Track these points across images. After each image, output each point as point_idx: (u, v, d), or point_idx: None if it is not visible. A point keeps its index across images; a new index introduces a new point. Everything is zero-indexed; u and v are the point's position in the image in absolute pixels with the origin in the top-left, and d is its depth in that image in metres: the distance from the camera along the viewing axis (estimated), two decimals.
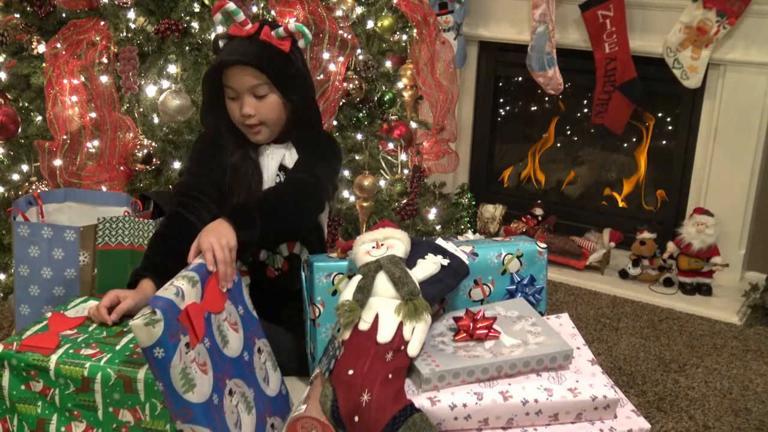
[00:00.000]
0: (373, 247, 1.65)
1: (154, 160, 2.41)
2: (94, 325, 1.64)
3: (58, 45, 2.35)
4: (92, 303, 1.75)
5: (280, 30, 1.83)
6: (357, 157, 2.88)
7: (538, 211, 3.76)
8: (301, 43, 1.89)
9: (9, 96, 2.54)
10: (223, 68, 1.84)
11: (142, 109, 2.46)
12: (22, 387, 1.53)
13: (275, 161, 1.95)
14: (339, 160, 2.04)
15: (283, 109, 1.89)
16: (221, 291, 1.56)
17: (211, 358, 1.46)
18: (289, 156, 1.96)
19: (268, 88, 1.84)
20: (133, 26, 2.45)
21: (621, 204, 3.86)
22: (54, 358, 1.51)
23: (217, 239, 1.56)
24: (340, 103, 2.73)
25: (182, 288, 1.43)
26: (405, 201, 2.98)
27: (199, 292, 1.48)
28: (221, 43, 1.89)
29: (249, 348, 1.61)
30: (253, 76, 1.82)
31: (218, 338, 1.52)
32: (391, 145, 2.93)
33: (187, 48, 2.45)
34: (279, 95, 1.86)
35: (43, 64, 2.42)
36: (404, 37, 3.01)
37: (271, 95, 1.86)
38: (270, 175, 1.94)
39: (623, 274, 3.46)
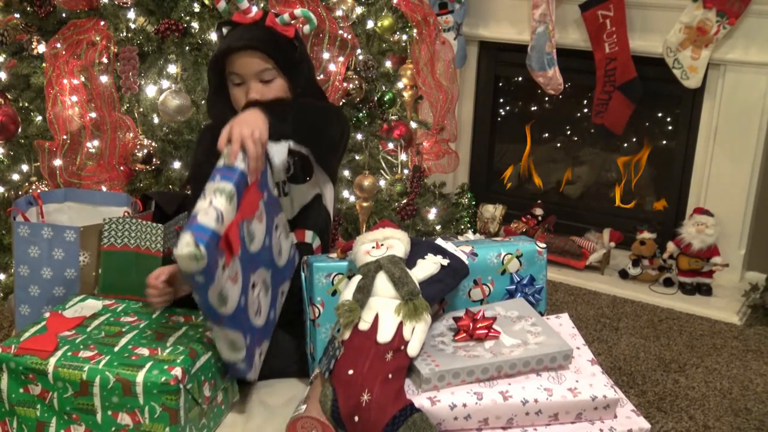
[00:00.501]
0: (373, 247, 1.65)
1: (154, 160, 2.41)
2: (93, 326, 1.64)
3: (58, 45, 2.35)
4: (91, 302, 1.75)
5: (285, 16, 1.83)
6: (357, 157, 2.88)
7: (538, 211, 3.76)
8: (306, 29, 1.90)
9: (9, 96, 2.54)
10: (229, 54, 1.83)
11: (142, 109, 2.45)
12: (21, 390, 1.53)
13: (283, 146, 1.92)
14: (344, 123, 2.01)
15: (288, 93, 1.88)
16: (254, 193, 1.54)
17: (241, 266, 1.51)
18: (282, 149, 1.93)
19: (274, 73, 1.83)
20: (133, 26, 2.45)
21: (621, 204, 3.87)
22: (52, 361, 1.51)
23: (250, 130, 1.53)
24: (340, 103, 2.73)
25: (221, 211, 1.42)
26: (405, 201, 2.98)
27: (236, 204, 1.47)
28: (225, 31, 1.89)
29: (270, 232, 1.63)
30: (260, 61, 1.81)
31: (247, 240, 1.53)
32: (391, 145, 2.93)
33: (187, 48, 2.45)
34: (284, 80, 1.86)
35: (43, 64, 2.42)
36: (404, 37, 3.01)
37: (277, 80, 1.84)
38: (281, 160, 1.92)
39: (623, 274, 3.46)
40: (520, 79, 3.98)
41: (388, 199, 2.98)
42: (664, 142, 3.74)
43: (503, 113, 4.12)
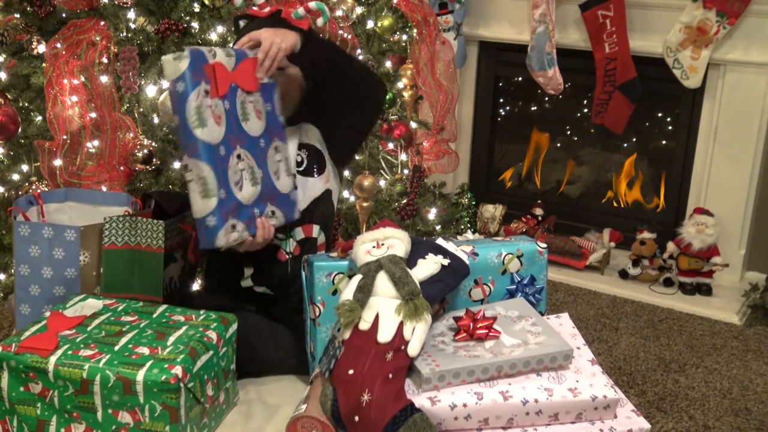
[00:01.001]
0: (374, 247, 1.66)
1: (154, 160, 2.41)
2: (93, 325, 1.64)
3: (58, 45, 2.35)
4: (91, 301, 1.75)
5: (300, 10, 1.87)
6: (357, 157, 2.88)
7: (538, 211, 3.76)
8: (319, 22, 1.93)
9: (9, 96, 2.54)
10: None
11: (142, 109, 2.45)
12: (21, 389, 1.53)
13: (293, 143, 1.95)
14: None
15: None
16: (255, 77, 1.72)
17: (226, 118, 1.65)
18: (311, 133, 1.97)
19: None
20: (133, 26, 2.45)
21: (621, 204, 3.87)
22: (53, 359, 1.51)
23: (276, 37, 1.71)
24: None
25: (216, 50, 1.64)
26: (405, 201, 2.98)
27: (232, 64, 1.67)
28: (241, 24, 1.92)
29: (267, 139, 1.78)
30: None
31: (239, 110, 1.70)
32: (391, 145, 2.93)
33: None
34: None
35: (43, 64, 2.41)
36: (404, 37, 3.01)
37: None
38: (292, 154, 1.94)
39: (623, 274, 3.46)
40: (520, 79, 3.98)
41: (388, 199, 2.98)
42: (664, 142, 3.74)
43: (503, 113, 4.12)
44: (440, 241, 1.78)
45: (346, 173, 2.87)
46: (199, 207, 1.62)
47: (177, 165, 2.45)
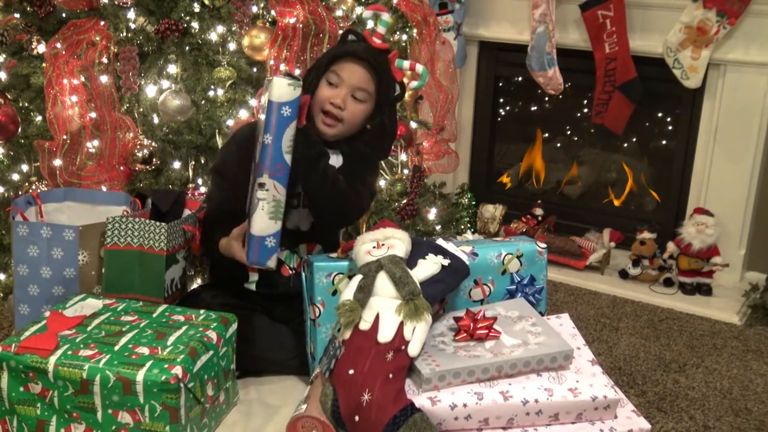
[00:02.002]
0: (374, 247, 1.66)
1: (154, 160, 2.41)
2: (93, 325, 1.64)
3: (58, 45, 2.35)
4: (91, 301, 1.75)
5: (405, 63, 1.91)
6: None
7: (538, 211, 3.76)
8: (413, 84, 1.96)
9: (9, 96, 2.54)
10: (348, 57, 1.88)
11: (142, 109, 2.45)
12: (21, 389, 1.53)
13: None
14: (374, 175, 2.09)
15: (363, 121, 1.94)
16: (304, 115, 1.76)
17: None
18: (335, 160, 1.97)
19: (367, 97, 1.89)
20: (133, 26, 2.45)
21: (620, 204, 3.87)
22: (53, 359, 1.51)
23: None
24: None
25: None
26: (405, 201, 2.98)
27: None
28: (350, 37, 1.94)
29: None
30: (366, 78, 1.88)
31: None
32: None
33: (187, 48, 2.45)
34: (370, 108, 1.92)
35: (43, 64, 2.41)
36: (404, 37, 3.00)
37: (366, 104, 1.91)
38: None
39: (623, 274, 3.45)
40: (520, 79, 3.98)
41: (388, 199, 2.98)
42: (664, 142, 3.74)
43: (503, 113, 4.12)
44: (440, 241, 1.78)
45: None
46: (264, 226, 1.67)
47: (177, 165, 2.45)
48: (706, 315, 3.14)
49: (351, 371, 1.51)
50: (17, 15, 2.56)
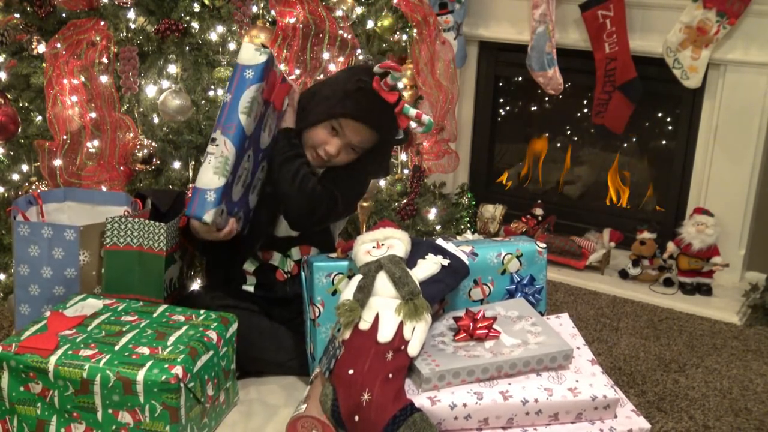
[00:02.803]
0: (374, 247, 1.66)
1: (154, 160, 2.41)
2: (93, 325, 1.64)
3: (58, 45, 2.35)
4: (91, 301, 1.75)
5: (412, 111, 1.87)
6: None
7: (538, 211, 3.76)
8: (418, 130, 1.94)
9: (9, 96, 2.54)
10: (355, 118, 1.85)
11: (142, 109, 2.45)
12: (21, 388, 1.53)
13: None
14: (367, 186, 2.08)
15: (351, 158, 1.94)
16: (283, 100, 1.86)
17: (259, 121, 1.77)
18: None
19: (363, 149, 1.91)
20: (133, 26, 2.45)
21: (621, 204, 3.87)
22: (53, 359, 1.51)
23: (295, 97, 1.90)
24: None
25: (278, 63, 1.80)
26: (405, 201, 2.98)
27: (280, 80, 1.82)
28: (365, 81, 1.86)
29: (263, 156, 1.87)
30: (367, 139, 1.89)
31: (264, 120, 1.81)
32: None
33: (187, 48, 2.45)
34: (362, 154, 1.92)
35: (43, 64, 2.41)
36: (404, 37, 3.00)
37: (358, 154, 1.92)
38: None
39: (623, 274, 3.45)
40: (520, 79, 3.98)
41: (388, 199, 2.98)
42: (664, 142, 3.74)
43: (503, 113, 4.12)
44: (440, 241, 1.78)
45: None
46: (207, 179, 1.68)
47: (177, 165, 2.45)
48: (706, 315, 3.14)
49: (351, 371, 1.51)
50: (17, 15, 2.56)
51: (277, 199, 1.91)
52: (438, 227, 3.23)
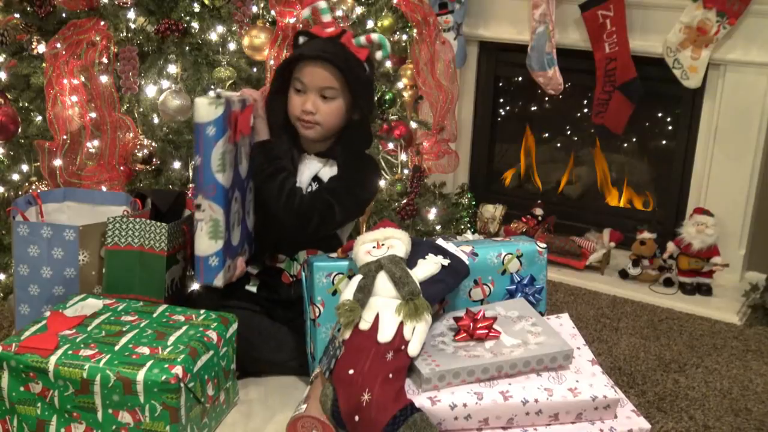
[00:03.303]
0: (374, 247, 1.66)
1: (154, 160, 2.41)
2: (93, 325, 1.64)
3: (58, 45, 2.35)
4: (91, 301, 1.75)
5: (362, 38, 1.87)
6: None
7: (538, 211, 3.76)
8: (378, 55, 1.92)
9: (9, 96, 2.54)
10: (301, 61, 1.87)
11: (142, 109, 2.45)
12: (21, 388, 1.53)
13: (309, 171, 1.96)
14: (371, 180, 2.04)
15: (342, 116, 1.92)
16: (249, 122, 1.80)
17: (234, 162, 1.73)
18: (329, 171, 1.96)
19: (336, 93, 1.88)
20: (133, 26, 2.45)
21: (621, 204, 3.87)
22: (53, 359, 1.51)
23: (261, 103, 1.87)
24: None
25: (233, 97, 1.73)
26: (405, 201, 2.97)
27: (240, 109, 1.75)
28: (301, 40, 1.92)
29: (249, 179, 1.85)
30: (327, 76, 1.86)
31: (241, 154, 1.78)
32: (391, 145, 2.93)
33: (187, 48, 2.45)
34: (344, 101, 1.90)
35: (43, 64, 2.41)
36: (404, 37, 3.00)
37: (337, 100, 1.89)
38: (302, 183, 1.96)
39: (623, 274, 3.45)
40: (520, 79, 3.98)
41: (388, 199, 2.97)
42: (664, 142, 3.74)
43: (503, 113, 4.12)
44: (440, 241, 1.78)
45: None
46: (205, 247, 1.68)
47: (177, 165, 2.45)
48: (706, 315, 3.15)
49: (351, 371, 1.51)
50: (17, 15, 2.56)
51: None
52: (438, 227, 3.23)
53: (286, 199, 1.82)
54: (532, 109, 4.07)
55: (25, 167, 2.55)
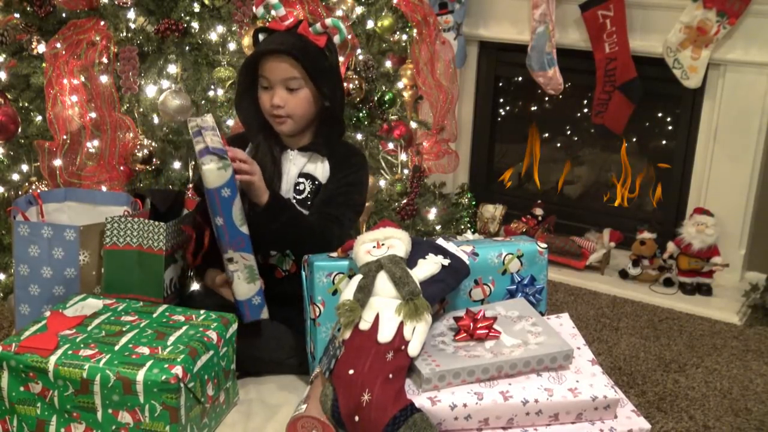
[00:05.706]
0: (374, 247, 1.65)
1: (154, 160, 2.41)
2: (93, 325, 1.64)
3: (58, 45, 2.35)
4: (91, 301, 1.75)
5: (317, 26, 1.89)
6: None
7: (538, 211, 3.76)
8: (336, 39, 1.94)
9: (9, 96, 2.54)
10: (261, 58, 1.89)
11: (142, 109, 2.45)
12: (21, 388, 1.53)
13: (296, 167, 1.98)
14: (366, 184, 2.07)
15: (312, 105, 1.93)
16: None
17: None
18: (322, 168, 1.98)
19: (301, 83, 1.89)
20: (133, 26, 2.45)
21: (621, 204, 3.87)
22: (53, 359, 1.51)
23: (256, 174, 1.77)
24: None
25: (207, 122, 1.73)
26: (405, 201, 2.97)
27: (221, 135, 1.73)
28: (261, 37, 1.94)
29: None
30: (288, 68, 1.87)
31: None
32: (391, 145, 2.93)
33: (187, 48, 2.45)
34: (310, 90, 1.91)
35: (43, 64, 2.41)
36: (404, 37, 3.00)
37: (303, 90, 1.90)
38: (290, 180, 1.98)
39: (623, 274, 3.46)
40: (520, 79, 3.98)
41: (388, 199, 2.98)
42: (664, 142, 3.74)
43: (503, 113, 4.12)
44: (440, 241, 1.78)
45: None
46: (245, 290, 1.75)
47: (177, 165, 2.45)
48: (706, 315, 3.15)
49: (351, 371, 1.51)
50: (17, 15, 2.56)
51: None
52: (438, 227, 3.23)
53: (321, 239, 1.86)
54: (532, 109, 4.07)
55: (25, 167, 2.56)
